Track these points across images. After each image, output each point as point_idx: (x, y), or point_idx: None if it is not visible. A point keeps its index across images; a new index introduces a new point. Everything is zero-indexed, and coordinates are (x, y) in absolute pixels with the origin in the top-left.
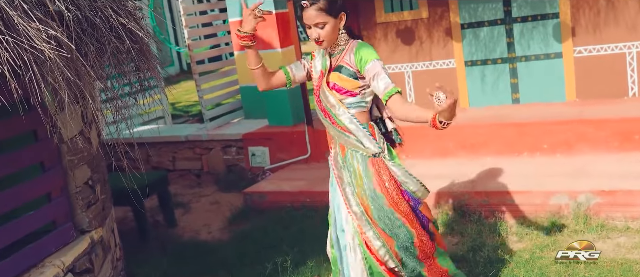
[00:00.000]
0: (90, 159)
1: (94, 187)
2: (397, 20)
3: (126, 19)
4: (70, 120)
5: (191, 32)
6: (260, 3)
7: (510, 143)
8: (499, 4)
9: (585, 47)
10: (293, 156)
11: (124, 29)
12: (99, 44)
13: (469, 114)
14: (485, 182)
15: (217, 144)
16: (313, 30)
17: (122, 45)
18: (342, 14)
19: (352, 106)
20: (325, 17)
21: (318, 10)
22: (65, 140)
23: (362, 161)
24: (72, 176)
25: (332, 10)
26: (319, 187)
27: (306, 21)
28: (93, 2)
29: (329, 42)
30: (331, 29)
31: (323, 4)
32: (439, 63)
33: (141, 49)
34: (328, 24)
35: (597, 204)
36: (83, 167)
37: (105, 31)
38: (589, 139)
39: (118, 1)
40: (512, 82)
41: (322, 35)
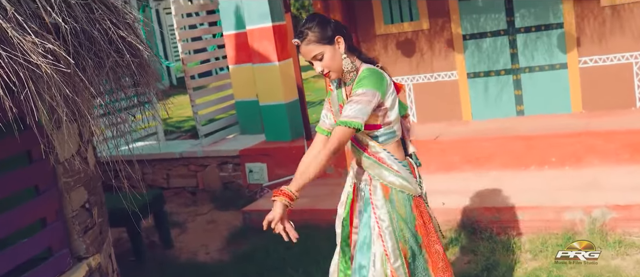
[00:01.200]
0: (87, 181)
1: (91, 210)
2: (397, 32)
3: (126, 31)
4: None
5: (185, 46)
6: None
7: (517, 156)
8: (502, 14)
9: (590, 57)
10: (292, 172)
11: (123, 42)
12: (97, 58)
13: (472, 127)
14: (495, 197)
15: (213, 161)
16: (315, 64)
17: (122, 60)
18: (338, 38)
19: (384, 140)
20: (319, 48)
21: (309, 43)
22: (61, 161)
23: (405, 203)
24: (68, 199)
25: (324, 38)
26: (321, 205)
27: (305, 58)
28: (90, 13)
29: (336, 71)
30: (330, 57)
31: (313, 36)
32: (440, 75)
33: (141, 64)
34: (326, 53)
35: (613, 219)
36: (80, 190)
37: (103, 45)
38: (598, 152)
39: (116, 13)
40: (516, 94)
41: (325, 67)
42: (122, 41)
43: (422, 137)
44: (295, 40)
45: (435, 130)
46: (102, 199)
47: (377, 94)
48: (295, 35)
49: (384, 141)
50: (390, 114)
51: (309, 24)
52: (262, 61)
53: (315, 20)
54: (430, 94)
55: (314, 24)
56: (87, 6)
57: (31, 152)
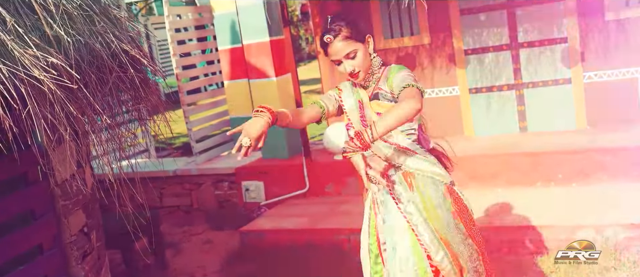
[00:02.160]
0: (85, 203)
1: (89, 234)
2: (398, 47)
3: (129, 45)
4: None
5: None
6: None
7: (522, 174)
8: (504, 28)
9: (595, 72)
10: (290, 191)
11: (126, 56)
12: (100, 72)
13: (476, 144)
14: (503, 216)
15: (208, 179)
16: (345, 63)
17: (125, 75)
18: (368, 37)
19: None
20: (354, 45)
21: (344, 39)
22: (59, 182)
23: (435, 189)
24: (66, 224)
25: (358, 35)
26: (322, 224)
27: (335, 56)
28: (92, 26)
29: (365, 72)
30: (363, 56)
31: (347, 32)
32: (441, 90)
33: (144, 79)
34: (359, 51)
35: (627, 239)
36: (78, 213)
37: (106, 58)
38: (606, 169)
39: (119, 26)
40: (519, 110)
41: (356, 66)
42: (126, 55)
43: None
44: (327, 36)
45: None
46: (99, 221)
47: (410, 72)
48: (326, 32)
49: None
50: None
51: (340, 22)
52: (259, 77)
53: (344, 17)
54: (431, 110)
55: (345, 21)
56: (89, 18)
57: (27, 174)
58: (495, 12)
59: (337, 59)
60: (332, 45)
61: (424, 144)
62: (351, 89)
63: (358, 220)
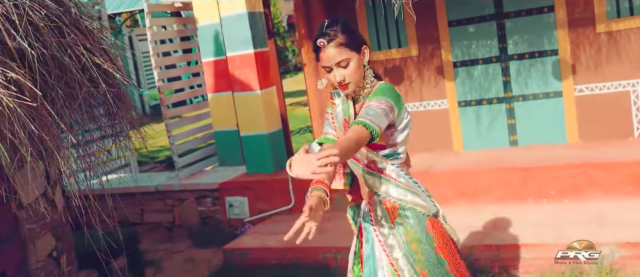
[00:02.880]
0: (54, 226)
1: (58, 259)
2: (385, 59)
3: (101, 58)
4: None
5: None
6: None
7: (513, 189)
8: (494, 40)
9: (586, 85)
10: (275, 207)
11: (98, 70)
12: (69, 88)
13: (465, 158)
14: (494, 233)
15: (191, 195)
16: (336, 72)
17: (97, 90)
18: (365, 48)
19: (388, 157)
20: (347, 53)
21: (338, 46)
22: (24, 205)
23: (417, 222)
24: (32, 249)
25: (354, 43)
26: (308, 242)
27: (326, 63)
28: (61, 38)
29: (356, 83)
30: (356, 67)
31: (343, 38)
32: (430, 103)
33: (118, 94)
34: (352, 61)
35: (622, 258)
36: (46, 237)
37: (76, 73)
38: (600, 184)
39: (91, 38)
40: (509, 123)
41: (347, 76)
42: (97, 69)
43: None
44: (320, 40)
45: (425, 160)
46: (71, 244)
47: (394, 109)
48: (320, 36)
49: (388, 157)
50: (398, 136)
51: (335, 27)
52: (243, 89)
53: (340, 23)
54: (419, 123)
55: (340, 26)
56: (58, 29)
57: None
58: (484, 24)
59: (328, 66)
60: (324, 50)
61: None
62: (342, 102)
63: (345, 238)
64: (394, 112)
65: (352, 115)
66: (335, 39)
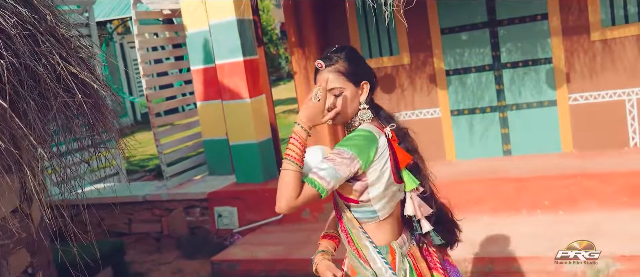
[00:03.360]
0: (30, 241)
1: (34, 275)
2: (377, 67)
3: (78, 68)
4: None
5: (150, 81)
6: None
7: (507, 200)
8: (487, 48)
9: (581, 94)
10: (265, 217)
11: (75, 79)
12: (43, 98)
13: (458, 168)
14: (487, 246)
15: (179, 205)
16: (328, 97)
17: (72, 100)
18: (364, 83)
19: (360, 218)
20: (343, 83)
21: (335, 72)
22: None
23: None
24: (5, 266)
25: (353, 74)
26: (297, 254)
27: (319, 84)
28: (35, 46)
29: (344, 117)
30: (350, 99)
31: (342, 66)
32: (422, 112)
33: (96, 103)
34: (346, 92)
35: (617, 271)
36: (20, 253)
37: (50, 83)
38: (595, 195)
39: (68, 46)
40: (502, 132)
41: (338, 106)
42: (73, 78)
43: None
44: (319, 62)
45: None
46: (49, 258)
47: (356, 161)
48: (322, 58)
49: (360, 218)
50: (372, 190)
51: (340, 53)
52: (232, 98)
53: (347, 51)
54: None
55: (345, 54)
56: (32, 38)
57: None
58: (477, 31)
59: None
60: (321, 72)
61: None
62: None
63: None
64: (355, 165)
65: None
66: (334, 64)
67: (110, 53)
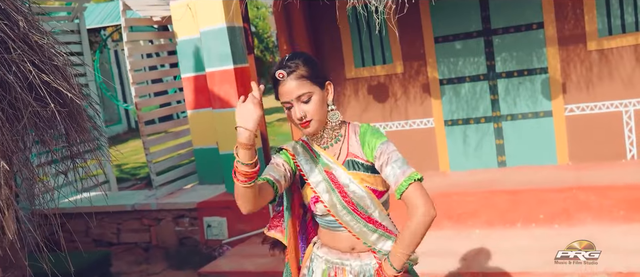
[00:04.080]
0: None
1: None
2: (369, 76)
3: (51, 76)
4: None
5: (140, 89)
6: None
7: (502, 213)
8: (482, 58)
9: (577, 104)
10: (255, 228)
11: (48, 88)
12: (13, 109)
13: (451, 180)
14: (480, 260)
15: (168, 214)
16: (296, 108)
17: (45, 109)
18: (328, 84)
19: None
20: (309, 87)
21: (299, 78)
22: None
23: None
24: None
25: (316, 77)
26: None
27: (286, 98)
28: (5, 54)
29: (318, 122)
30: (319, 103)
31: (305, 70)
32: (415, 122)
33: (70, 113)
34: (314, 96)
35: None
36: None
37: (20, 92)
38: (591, 208)
39: (41, 54)
40: (497, 143)
41: (309, 112)
42: (46, 87)
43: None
44: (279, 71)
45: None
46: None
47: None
48: (279, 67)
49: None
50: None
51: (297, 60)
52: (222, 106)
53: (303, 56)
54: (404, 143)
55: (302, 59)
56: (2, 44)
57: None
58: (471, 40)
59: (288, 100)
60: (284, 83)
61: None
62: (306, 153)
63: None
64: None
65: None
66: (296, 70)
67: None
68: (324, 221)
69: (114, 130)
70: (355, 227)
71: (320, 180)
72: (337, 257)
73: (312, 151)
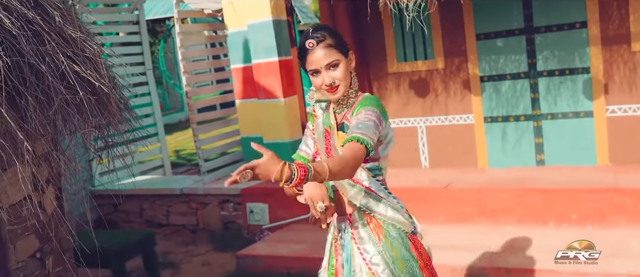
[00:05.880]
0: (40, 228)
1: (43, 259)
2: (411, 71)
3: (82, 66)
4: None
5: (190, 78)
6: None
7: (535, 211)
8: (523, 55)
9: (619, 106)
10: (295, 215)
11: (78, 77)
12: (45, 96)
13: (488, 176)
14: (507, 256)
15: (214, 199)
16: (324, 74)
17: (74, 97)
18: (351, 53)
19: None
20: (337, 55)
21: (327, 47)
22: (6, 206)
23: (401, 241)
24: (12, 249)
25: (341, 46)
26: (318, 253)
27: (315, 65)
28: (40, 46)
29: (344, 88)
30: (345, 70)
31: (331, 40)
32: (455, 118)
33: (100, 101)
34: (341, 63)
35: None
36: (29, 238)
37: (52, 80)
38: (626, 212)
39: (74, 45)
40: (536, 142)
41: (337, 78)
42: (77, 76)
43: (432, 184)
44: (309, 41)
45: (447, 177)
46: (64, 245)
47: (382, 120)
48: (308, 37)
49: (371, 171)
50: (382, 150)
51: (323, 31)
52: (267, 97)
53: (327, 28)
54: (444, 138)
55: (328, 30)
56: (38, 37)
57: None
58: (513, 38)
59: (317, 68)
60: (313, 52)
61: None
62: (323, 114)
63: None
64: (382, 124)
65: (334, 125)
66: (324, 40)
67: (169, 49)
68: None
69: (176, 117)
70: (340, 185)
71: (321, 137)
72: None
73: (327, 111)
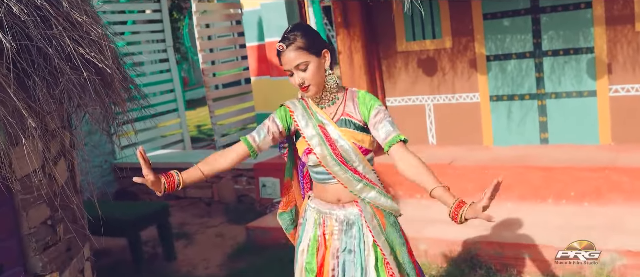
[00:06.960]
0: (51, 197)
1: (54, 226)
2: (419, 50)
3: (88, 48)
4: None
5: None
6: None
7: (535, 188)
8: (528, 35)
9: (622, 85)
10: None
11: (82, 59)
12: (52, 77)
13: (492, 154)
14: (501, 231)
15: (228, 173)
16: (295, 75)
17: (79, 78)
18: (325, 52)
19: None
20: (306, 56)
21: (296, 49)
22: (18, 177)
23: (396, 227)
24: (25, 216)
25: (313, 47)
26: None
27: (286, 66)
28: (48, 30)
29: (316, 87)
30: (315, 70)
31: (301, 42)
32: (462, 96)
33: (104, 80)
34: (311, 64)
35: (622, 266)
36: (41, 207)
37: (58, 62)
38: (622, 189)
39: (80, 28)
40: (540, 121)
41: (306, 79)
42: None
43: (437, 160)
44: (280, 44)
45: (452, 153)
46: (74, 214)
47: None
48: (280, 40)
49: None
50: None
51: (296, 31)
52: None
53: (302, 28)
54: (450, 116)
55: (301, 31)
56: (46, 22)
57: None
58: (519, 18)
59: (288, 69)
60: (284, 54)
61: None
62: (304, 111)
63: None
64: None
65: (328, 121)
66: (294, 42)
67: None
68: (315, 172)
69: (201, 92)
70: (342, 176)
71: (314, 134)
72: (326, 208)
73: (309, 109)
